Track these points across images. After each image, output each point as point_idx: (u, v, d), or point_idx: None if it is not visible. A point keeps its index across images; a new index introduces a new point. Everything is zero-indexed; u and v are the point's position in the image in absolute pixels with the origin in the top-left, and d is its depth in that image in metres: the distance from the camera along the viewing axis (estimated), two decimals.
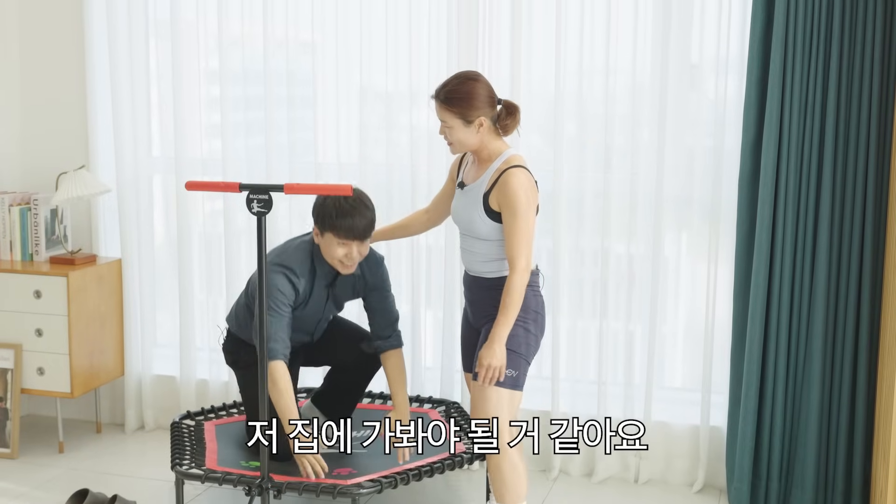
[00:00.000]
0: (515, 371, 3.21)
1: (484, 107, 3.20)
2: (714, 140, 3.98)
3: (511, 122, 3.27)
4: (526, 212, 3.15)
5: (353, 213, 3.48)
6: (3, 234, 4.49)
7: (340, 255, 3.54)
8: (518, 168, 3.18)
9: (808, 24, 3.66)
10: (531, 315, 3.25)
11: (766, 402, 3.87)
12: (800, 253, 3.78)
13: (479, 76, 3.25)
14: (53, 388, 4.35)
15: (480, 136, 3.22)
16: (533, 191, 3.20)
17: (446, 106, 3.19)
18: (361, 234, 3.52)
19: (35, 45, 4.65)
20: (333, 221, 3.50)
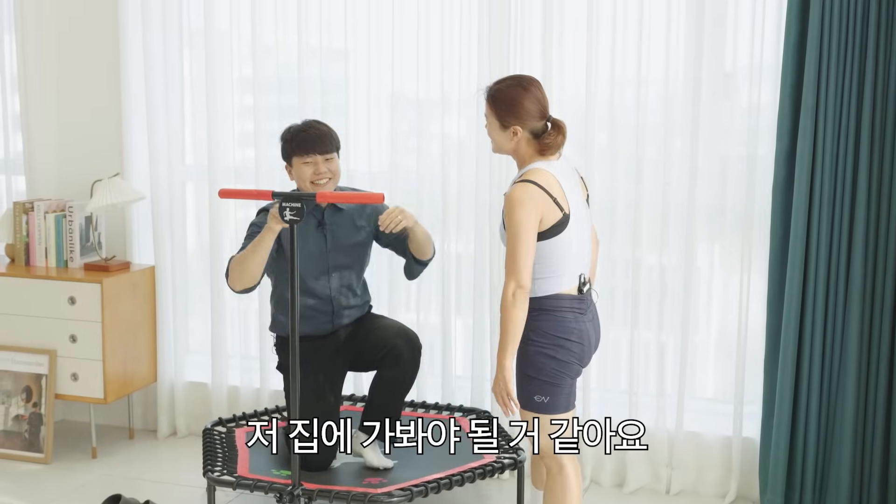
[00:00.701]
0: (546, 397, 3.05)
1: (525, 117, 3.05)
2: (747, 149, 3.95)
3: (553, 141, 3.07)
4: (518, 229, 2.95)
5: (306, 129, 3.65)
6: (38, 241, 4.53)
7: (309, 175, 3.61)
8: (523, 183, 2.99)
9: (843, 32, 3.63)
10: (555, 341, 3.04)
11: (799, 413, 3.83)
12: (834, 262, 3.75)
13: (531, 86, 3.09)
14: (87, 394, 4.38)
15: (515, 145, 3.09)
16: (531, 207, 2.96)
17: (488, 103, 3.11)
18: (321, 146, 3.61)
19: (71, 55, 4.70)
20: (290, 144, 3.63)
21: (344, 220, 3.74)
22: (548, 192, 2.98)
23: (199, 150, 4.64)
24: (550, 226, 3.00)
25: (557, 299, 3.05)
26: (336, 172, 3.68)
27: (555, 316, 3.05)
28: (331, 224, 3.73)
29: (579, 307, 3.09)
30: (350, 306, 3.84)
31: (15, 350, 4.42)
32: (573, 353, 3.06)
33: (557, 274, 3.04)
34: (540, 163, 3.07)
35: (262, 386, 4.57)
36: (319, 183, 3.62)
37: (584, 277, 3.10)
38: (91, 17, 4.64)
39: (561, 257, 3.03)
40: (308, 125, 3.69)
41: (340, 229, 3.74)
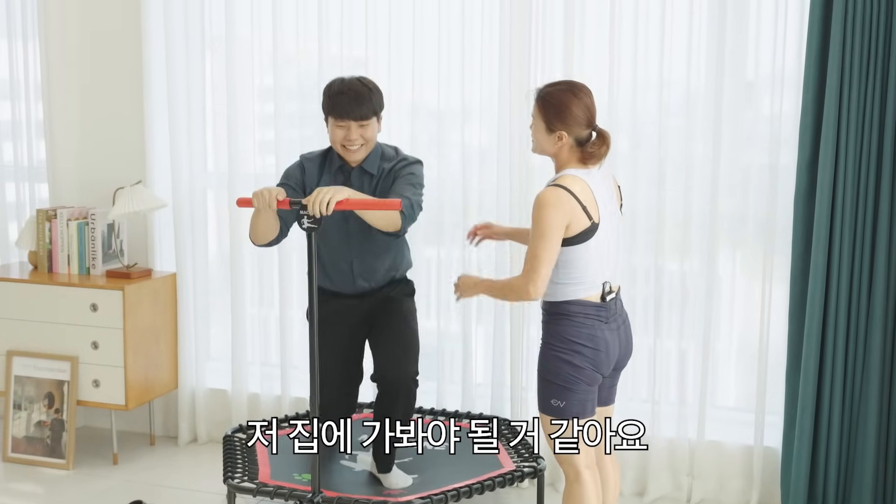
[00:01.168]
0: (562, 401, 3.05)
1: (572, 124, 3.04)
2: (769, 157, 3.94)
3: (596, 151, 3.05)
4: (543, 231, 2.95)
5: (346, 91, 3.45)
6: (61, 248, 4.56)
7: (340, 138, 3.48)
8: (553, 187, 2.99)
9: (866, 40, 3.61)
10: (572, 346, 3.04)
11: (822, 423, 3.81)
12: (857, 272, 3.73)
13: (582, 93, 3.08)
14: (108, 401, 4.40)
15: (557, 149, 3.08)
16: (559, 211, 2.95)
17: (538, 105, 3.10)
18: (356, 112, 3.45)
19: (94, 62, 4.73)
20: (328, 102, 3.49)
21: (371, 185, 3.59)
22: (578, 199, 2.98)
23: (220, 158, 4.65)
24: (577, 233, 2.99)
25: (578, 305, 3.05)
26: (371, 138, 3.51)
27: (573, 321, 3.05)
28: (357, 186, 3.56)
29: (601, 315, 3.07)
30: (373, 269, 3.68)
31: (37, 356, 4.44)
32: (588, 360, 3.05)
33: (580, 280, 3.04)
34: (576, 170, 3.06)
35: (282, 393, 4.58)
36: (351, 148, 3.50)
37: (609, 286, 3.09)
38: (114, 25, 4.67)
39: (585, 264, 3.03)
40: (349, 86, 3.47)
41: (366, 193, 3.57)
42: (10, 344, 4.49)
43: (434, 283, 4.46)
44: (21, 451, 4.48)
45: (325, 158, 3.64)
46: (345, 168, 3.59)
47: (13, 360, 4.47)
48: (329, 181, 3.58)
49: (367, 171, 3.58)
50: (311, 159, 3.65)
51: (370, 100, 3.48)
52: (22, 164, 4.93)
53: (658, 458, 4.12)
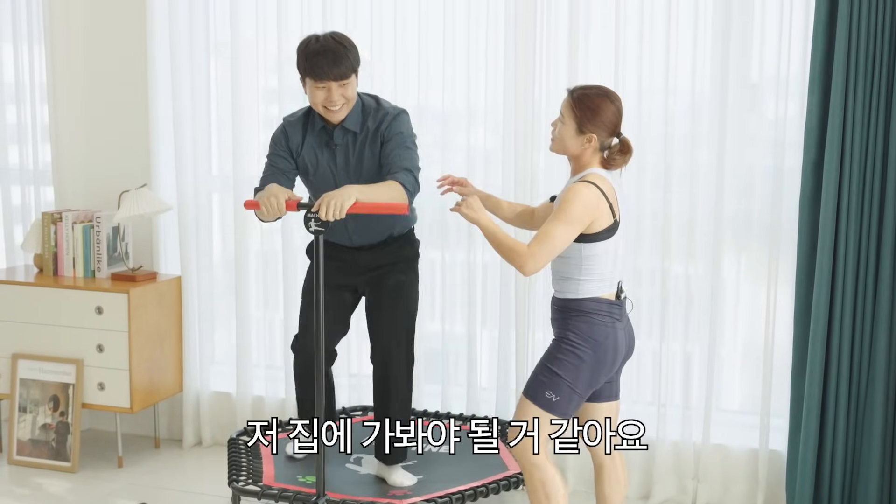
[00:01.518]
0: (556, 395, 3.06)
1: (602, 127, 3.08)
2: (774, 160, 3.94)
3: (619, 158, 3.12)
4: (567, 220, 2.99)
5: (323, 52, 3.36)
6: (66, 251, 4.57)
7: (322, 100, 3.41)
8: (586, 183, 3.04)
9: (871, 43, 3.61)
10: (589, 343, 3.07)
11: (827, 426, 3.80)
12: (862, 275, 3.72)
13: (617, 100, 3.13)
14: (113, 404, 4.40)
15: (582, 151, 3.11)
16: (592, 209, 3.01)
17: (573, 104, 3.10)
18: (335, 72, 3.36)
19: (99, 66, 4.74)
20: (304, 63, 3.40)
21: (354, 141, 3.54)
22: (607, 197, 3.05)
23: (225, 161, 4.66)
24: (602, 229, 3.05)
25: (597, 302, 3.10)
26: (351, 97, 3.45)
27: (592, 318, 3.09)
28: (342, 144, 3.53)
29: (616, 313, 3.13)
30: (368, 227, 3.63)
31: (42, 359, 4.45)
32: (601, 360, 3.08)
33: (601, 277, 3.09)
34: (600, 170, 3.12)
35: (286, 396, 4.58)
36: (332, 109, 3.43)
37: (621, 285, 3.16)
38: (118, 28, 4.67)
39: (606, 261, 3.08)
40: (324, 46, 3.37)
41: (350, 151, 3.54)
42: (15, 347, 4.50)
43: (438, 285, 4.46)
44: (26, 454, 4.48)
45: (307, 119, 3.59)
46: (327, 129, 3.55)
47: (18, 363, 4.48)
48: (313, 141, 3.55)
49: (350, 130, 3.53)
50: (293, 122, 3.60)
51: (348, 58, 3.39)
52: (27, 167, 4.94)
53: (663, 462, 4.11)
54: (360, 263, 3.71)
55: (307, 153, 3.57)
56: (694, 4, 3.95)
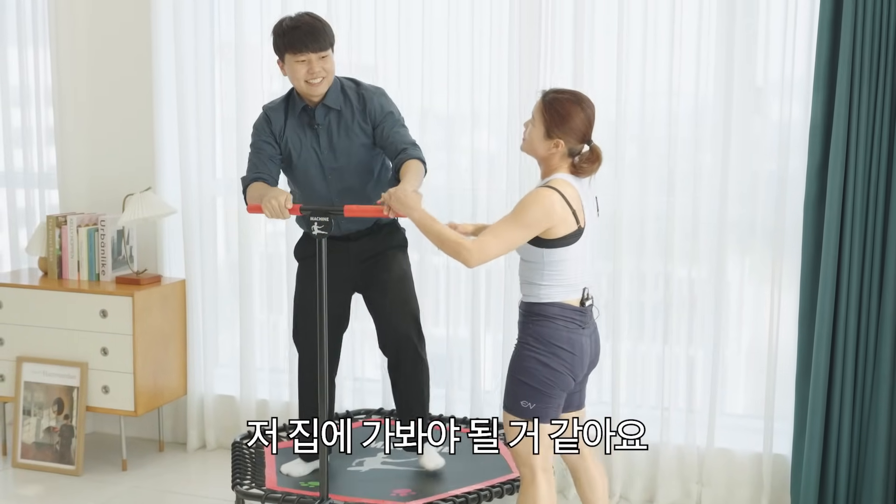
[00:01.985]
0: (532, 403, 3.04)
1: (570, 134, 3.04)
2: (778, 163, 3.93)
3: (587, 167, 3.07)
4: (518, 222, 2.96)
5: (301, 26, 3.40)
6: (70, 255, 4.57)
7: (303, 74, 3.42)
8: (547, 188, 3.00)
9: (876, 45, 3.60)
10: (550, 348, 3.04)
11: (832, 430, 3.79)
12: (867, 278, 3.71)
13: (588, 107, 3.08)
14: (118, 407, 4.40)
15: (550, 155, 3.09)
16: (549, 215, 2.96)
17: (543, 108, 3.08)
18: (314, 43, 3.39)
19: (104, 69, 4.75)
20: (282, 40, 3.43)
21: (338, 122, 3.54)
22: (569, 203, 3.00)
23: (229, 165, 4.66)
24: (564, 235, 3.01)
25: (559, 307, 3.05)
26: (330, 71, 3.46)
27: (554, 323, 3.05)
28: (324, 124, 3.54)
29: (580, 319, 3.08)
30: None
31: (47, 362, 4.45)
32: (566, 363, 3.05)
33: (563, 283, 3.04)
34: (568, 176, 3.08)
35: (290, 399, 4.58)
36: (313, 82, 3.43)
37: (587, 292, 3.10)
38: (124, 32, 4.68)
39: (569, 267, 3.04)
40: (300, 20, 3.43)
41: (334, 131, 3.54)
42: (19, 350, 4.51)
43: (443, 289, 4.46)
44: (30, 457, 4.49)
45: (286, 104, 3.60)
46: (308, 109, 3.55)
47: (23, 366, 4.49)
48: (295, 124, 3.56)
49: (332, 108, 3.54)
50: (274, 108, 3.61)
51: (325, 31, 3.44)
52: (32, 170, 4.95)
53: (667, 466, 4.11)
54: (353, 253, 3.69)
55: (290, 137, 3.56)
56: (698, 8, 3.95)
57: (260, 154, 3.56)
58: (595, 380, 4.39)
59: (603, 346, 4.23)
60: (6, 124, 4.96)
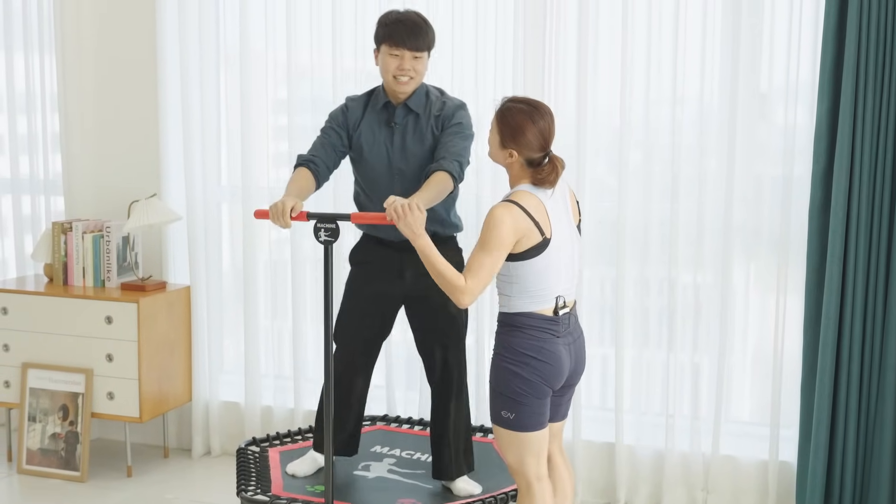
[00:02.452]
0: (511, 413, 3.01)
1: (524, 146, 3.01)
2: (783, 169, 3.93)
3: (546, 177, 3.01)
4: (488, 248, 2.93)
5: (405, 21, 3.41)
6: (76, 261, 4.58)
7: (393, 68, 3.42)
8: (505, 203, 2.97)
9: (881, 50, 3.60)
10: (520, 357, 3.00)
11: (837, 437, 3.78)
12: (872, 284, 3.71)
13: (540, 119, 3.02)
14: (123, 413, 4.41)
15: (509, 164, 3.07)
16: (510, 228, 2.93)
17: (495, 118, 3.08)
18: (412, 42, 3.39)
19: (109, 76, 4.76)
20: (384, 30, 3.43)
21: (415, 125, 3.52)
22: (530, 215, 2.96)
23: (234, 171, 4.67)
24: (528, 248, 2.97)
25: (529, 317, 3.02)
26: (421, 72, 3.47)
27: (524, 333, 3.02)
28: (401, 124, 3.52)
29: (552, 328, 3.04)
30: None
31: (52, 369, 4.46)
32: (538, 372, 3.01)
33: (531, 294, 3.01)
34: (530, 187, 3.04)
35: (295, 406, 4.58)
36: (402, 79, 3.44)
37: (562, 300, 3.05)
38: (129, 38, 4.70)
39: (537, 279, 3.00)
40: (406, 16, 3.44)
41: (409, 132, 3.52)
42: (25, 356, 4.51)
43: None
44: (36, 464, 4.49)
45: (369, 98, 3.61)
46: (389, 105, 3.55)
47: (28, 373, 4.49)
48: (373, 119, 3.55)
49: (413, 110, 3.53)
50: (355, 99, 3.63)
51: (426, 33, 3.44)
52: (38, 176, 4.96)
53: (672, 473, 4.10)
54: (405, 268, 3.60)
55: (364, 130, 3.56)
56: (702, 13, 3.95)
57: (325, 138, 3.56)
58: (599, 387, 4.40)
59: (607, 353, 4.25)
60: (12, 131, 4.97)
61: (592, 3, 4.04)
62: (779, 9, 3.90)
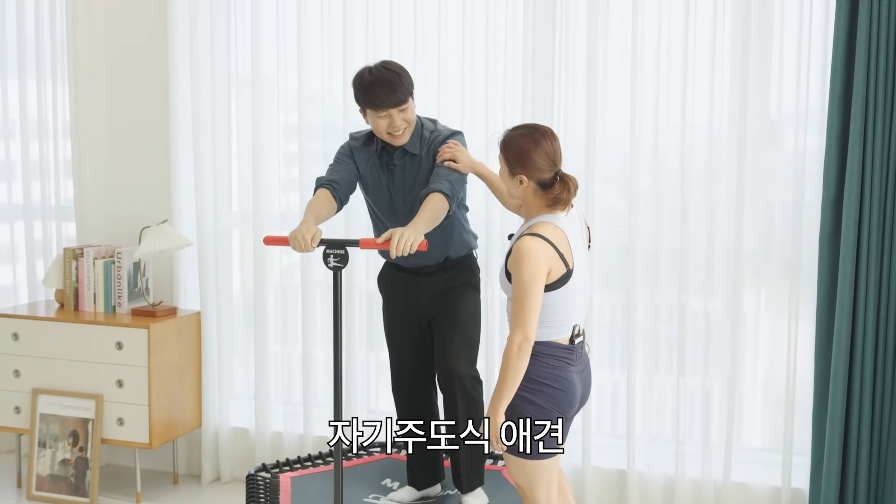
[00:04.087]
0: None
1: (532, 169, 3.01)
2: (794, 195, 3.93)
3: (559, 196, 3.00)
4: (528, 284, 2.91)
5: (378, 83, 3.42)
6: (87, 286, 4.59)
7: (385, 127, 3.48)
8: (532, 237, 2.94)
9: (890, 79, 3.61)
10: (536, 385, 2.99)
11: (849, 464, 3.76)
12: (883, 310, 3.70)
13: (543, 139, 3.03)
14: (132, 439, 4.41)
15: (522, 192, 3.06)
16: (540, 262, 2.91)
17: (500, 149, 3.08)
18: (394, 100, 3.43)
19: (121, 102, 4.79)
20: (363, 97, 3.47)
21: (412, 164, 3.57)
22: (555, 248, 2.96)
23: (245, 197, 4.69)
24: (554, 280, 2.97)
25: (546, 346, 3.01)
26: (412, 120, 3.52)
27: (540, 361, 3.00)
28: (400, 166, 3.57)
29: (567, 357, 3.03)
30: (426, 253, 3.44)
31: (63, 394, 4.46)
32: (553, 400, 3.00)
33: (551, 324, 3.00)
34: (548, 216, 3.03)
35: (305, 432, 4.57)
36: (395, 134, 3.49)
37: (577, 329, 3.05)
38: (141, 65, 4.73)
39: (558, 309, 3.00)
40: (378, 76, 3.44)
41: (408, 173, 3.57)
42: (35, 382, 4.52)
43: None
44: (45, 490, 4.49)
45: (369, 139, 3.65)
46: (388, 149, 3.60)
47: (38, 398, 4.50)
48: (374, 162, 3.60)
49: (410, 152, 3.57)
50: (357, 138, 3.66)
51: (402, 84, 3.46)
52: (49, 202, 4.98)
53: (683, 500, 4.07)
54: (424, 287, 3.68)
55: (369, 173, 3.62)
56: (711, 39, 3.96)
57: (339, 165, 3.61)
58: (610, 413, 4.39)
59: (618, 378, 4.23)
60: (25, 157, 5.00)
61: (601, 31, 4.05)
62: (788, 35, 3.90)
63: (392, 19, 4.33)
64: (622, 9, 4.04)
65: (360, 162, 3.62)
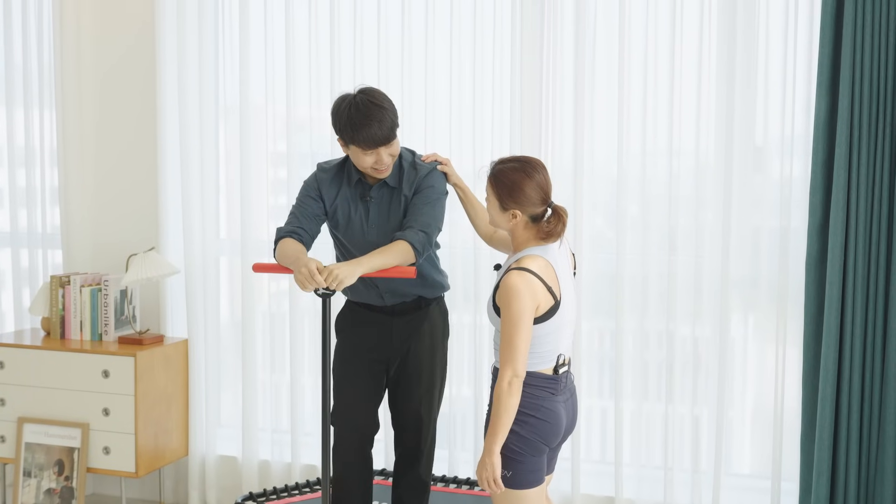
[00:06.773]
0: (508, 471, 2.97)
1: (525, 203, 2.99)
2: (780, 221, 3.95)
3: (553, 229, 3.00)
4: (517, 320, 2.88)
5: (370, 122, 3.25)
6: (73, 314, 4.57)
7: (370, 164, 3.34)
8: (519, 272, 2.92)
9: (874, 104, 3.63)
10: (519, 416, 2.95)
11: (838, 491, 3.76)
12: (870, 336, 3.71)
13: (534, 172, 3.00)
14: (118, 468, 4.37)
15: (513, 226, 3.04)
16: (529, 296, 2.89)
17: (489, 183, 3.05)
18: (384, 140, 3.29)
19: (109, 130, 4.79)
20: (352, 134, 3.30)
21: (390, 197, 3.46)
22: (543, 281, 2.94)
23: (233, 224, 4.68)
24: (543, 313, 2.96)
25: (529, 376, 2.98)
26: (397, 153, 3.38)
27: (523, 392, 2.97)
28: (377, 199, 3.46)
29: (551, 387, 3.02)
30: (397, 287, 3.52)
31: (48, 423, 4.43)
32: (536, 431, 2.98)
33: (536, 355, 2.99)
34: (536, 248, 3.02)
35: (293, 460, 4.55)
36: (381, 169, 3.36)
37: (562, 358, 3.04)
38: (128, 93, 4.73)
39: (544, 341, 2.99)
40: (365, 114, 3.26)
41: (384, 206, 3.46)
42: (21, 410, 4.49)
43: None
44: None
45: (341, 170, 3.53)
46: (364, 182, 3.48)
47: (24, 427, 4.46)
48: (349, 194, 3.48)
49: (388, 185, 3.46)
50: (327, 170, 3.53)
51: (389, 119, 3.31)
52: (36, 230, 4.97)
53: None
54: (395, 332, 3.59)
55: (341, 205, 3.50)
56: (697, 68, 3.99)
57: (302, 209, 3.49)
58: (599, 440, 4.38)
59: (606, 406, 4.24)
60: (12, 184, 4.99)
61: (589, 59, 4.08)
62: (773, 62, 3.94)
63: (380, 47, 4.36)
64: (609, 38, 4.07)
65: (328, 197, 3.50)
